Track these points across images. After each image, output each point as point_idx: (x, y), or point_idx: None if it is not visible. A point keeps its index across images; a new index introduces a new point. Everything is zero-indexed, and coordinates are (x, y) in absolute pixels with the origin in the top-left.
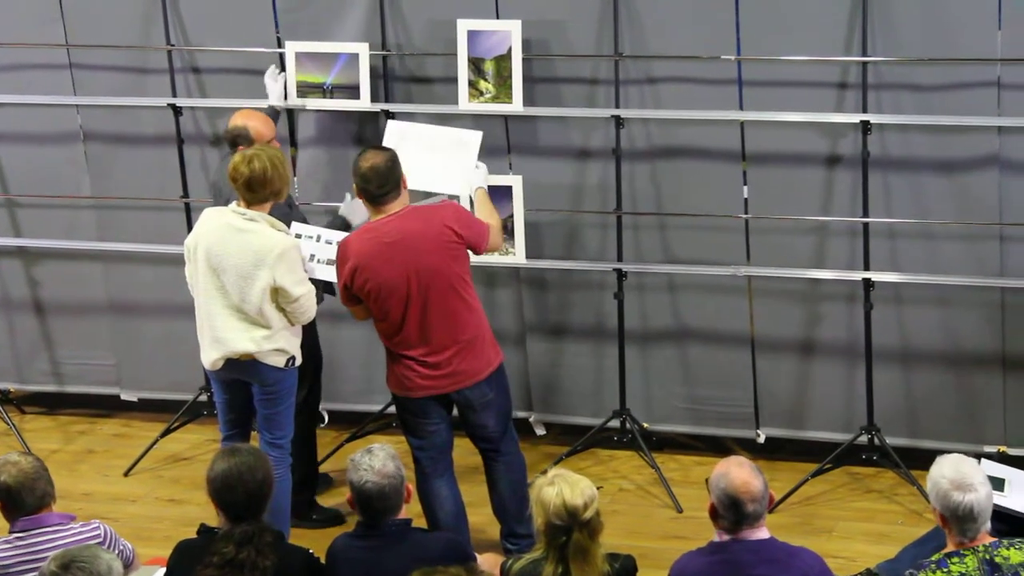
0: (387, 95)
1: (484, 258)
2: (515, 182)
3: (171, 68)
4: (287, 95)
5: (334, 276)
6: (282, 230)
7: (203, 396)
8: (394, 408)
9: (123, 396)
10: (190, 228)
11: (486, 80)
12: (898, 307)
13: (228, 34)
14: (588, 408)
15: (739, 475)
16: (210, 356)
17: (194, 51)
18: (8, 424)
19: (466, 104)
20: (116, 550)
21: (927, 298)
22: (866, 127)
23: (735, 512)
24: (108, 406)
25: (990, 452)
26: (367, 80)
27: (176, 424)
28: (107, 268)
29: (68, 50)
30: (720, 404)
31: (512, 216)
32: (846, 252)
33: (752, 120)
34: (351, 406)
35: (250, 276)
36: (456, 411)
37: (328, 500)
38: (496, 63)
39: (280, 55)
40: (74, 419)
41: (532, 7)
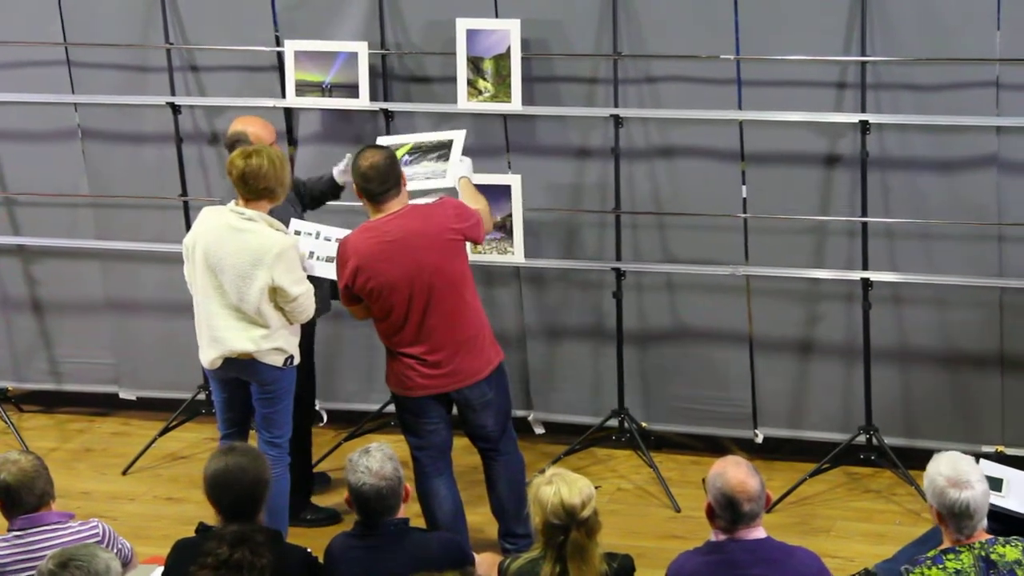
0: (386, 94)
1: (483, 257)
2: (514, 181)
3: (170, 66)
4: (286, 93)
5: (333, 273)
6: (280, 230)
7: (201, 395)
8: (393, 407)
9: (121, 395)
10: (189, 227)
11: (485, 79)
12: (896, 307)
13: (227, 32)
14: (586, 407)
15: (736, 475)
16: (208, 355)
17: (193, 49)
18: (6, 423)
19: (465, 103)
20: (115, 549)
21: (925, 298)
22: (865, 127)
23: (731, 512)
24: (106, 405)
25: (988, 452)
26: (366, 79)
27: (174, 423)
28: (105, 267)
29: (66, 48)
30: (718, 404)
31: (511, 215)
32: (844, 252)
33: (751, 120)
34: (350, 405)
35: (248, 276)
36: (455, 410)
37: (326, 499)
38: (495, 62)
39: (279, 54)
40: (72, 418)
41: (531, 6)
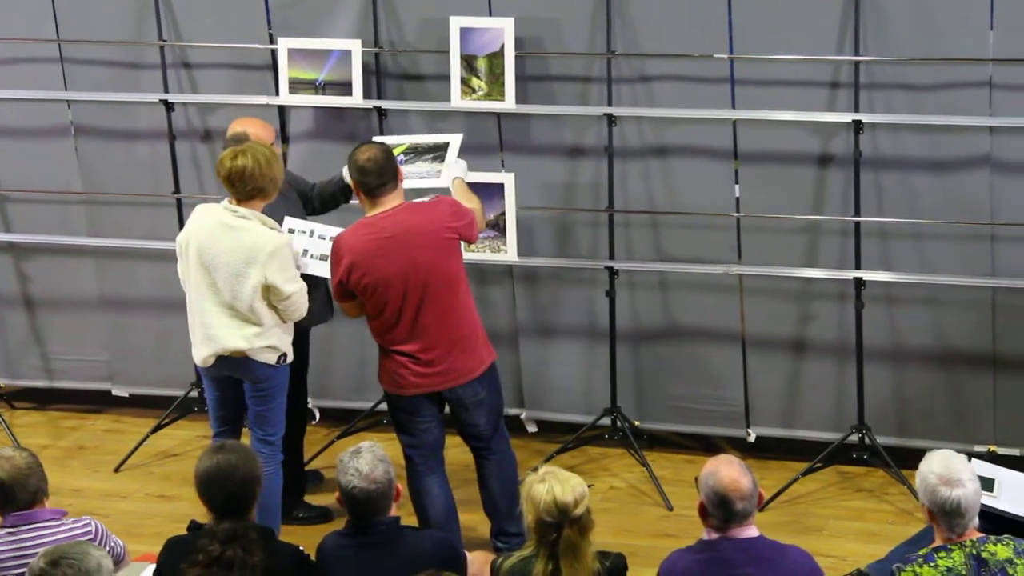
0: (379, 92)
1: (476, 255)
2: (507, 180)
3: (163, 63)
4: (279, 90)
5: (327, 272)
6: (274, 228)
7: (194, 392)
8: (385, 406)
9: (114, 392)
10: (182, 224)
11: (479, 77)
12: (889, 306)
13: (220, 30)
14: (579, 406)
15: (728, 473)
16: (201, 353)
17: (186, 47)
18: None
19: (458, 101)
20: (107, 547)
21: (918, 298)
22: (858, 126)
23: (724, 510)
24: (99, 402)
25: (980, 452)
26: (359, 77)
27: (167, 420)
28: (98, 264)
29: (59, 45)
30: (711, 403)
31: (504, 214)
32: (837, 251)
33: (744, 119)
34: (342, 403)
35: (241, 274)
36: (448, 409)
37: (319, 498)
38: (489, 60)
39: (273, 51)
40: (65, 415)
41: (525, 4)
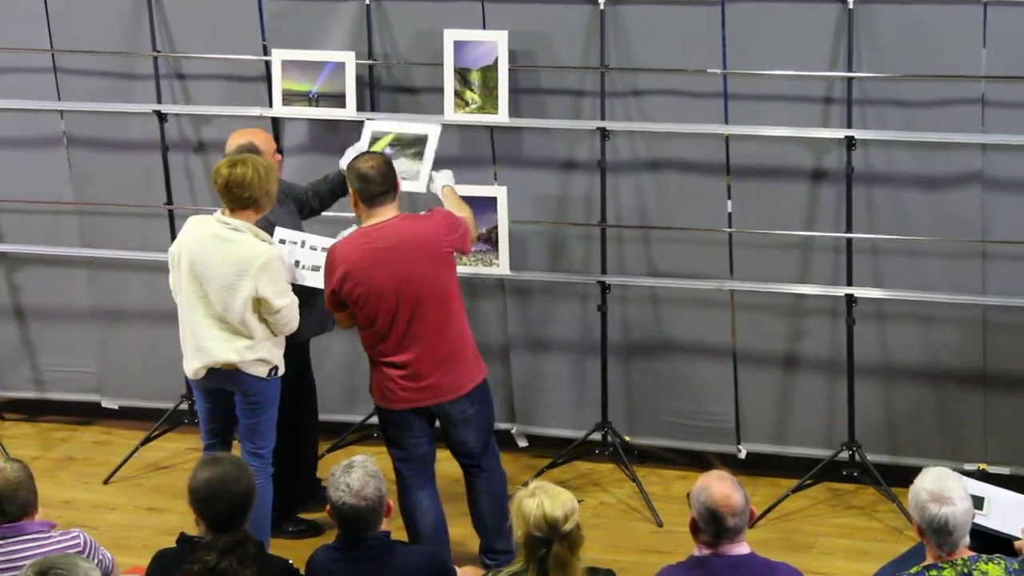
0: (373, 104)
1: (468, 269)
2: (500, 193)
3: (156, 74)
4: (272, 102)
5: (319, 282)
6: (266, 240)
7: (184, 404)
8: (376, 419)
9: (104, 404)
10: (174, 235)
11: (472, 90)
12: (880, 323)
13: (214, 41)
14: (570, 420)
15: (720, 489)
16: (192, 365)
17: (180, 57)
18: None
19: (452, 114)
20: (96, 559)
21: (909, 314)
22: (850, 143)
23: (715, 526)
24: (89, 413)
25: (970, 470)
26: (353, 89)
27: (157, 432)
28: (89, 275)
29: (53, 54)
30: (702, 418)
31: (497, 227)
32: (829, 267)
33: (737, 134)
34: (333, 416)
35: (233, 286)
36: (438, 424)
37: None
38: (482, 73)
39: (266, 63)
40: (55, 426)
41: (519, 18)
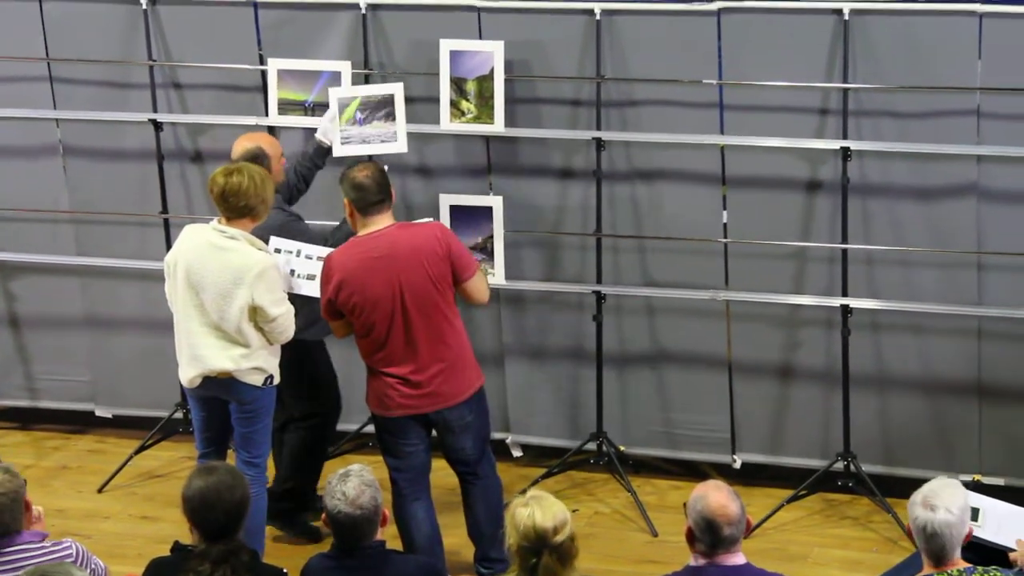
0: None
1: None
2: (495, 203)
3: (152, 83)
4: (268, 111)
5: (315, 291)
6: (263, 249)
7: (178, 413)
8: (372, 428)
9: (98, 412)
10: (169, 244)
11: (468, 100)
12: (875, 334)
13: (210, 50)
14: (565, 430)
15: (716, 498)
16: (188, 373)
17: (176, 67)
18: None
19: (447, 124)
20: (88, 569)
21: (904, 325)
22: (846, 154)
23: (711, 535)
24: (83, 422)
25: (965, 480)
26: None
27: (151, 441)
28: (84, 283)
29: (49, 64)
30: (697, 428)
31: (492, 237)
32: (824, 278)
33: (732, 145)
34: None
35: (229, 294)
36: (435, 433)
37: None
38: (478, 83)
39: (262, 72)
40: (48, 435)
41: (515, 28)
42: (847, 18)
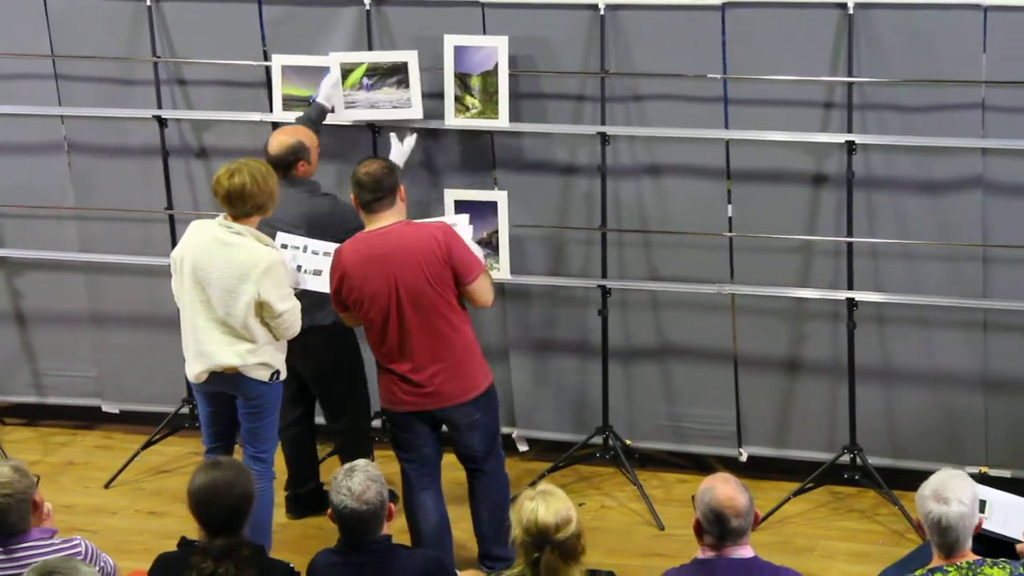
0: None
1: None
2: (500, 198)
3: (156, 80)
4: (272, 107)
5: (322, 286)
6: (269, 244)
7: (185, 408)
8: (378, 423)
9: (104, 408)
10: (174, 240)
11: (472, 96)
12: (881, 327)
13: (214, 46)
14: (571, 424)
15: (725, 491)
16: (195, 369)
17: (180, 63)
18: None
19: (452, 120)
20: (97, 566)
21: (910, 318)
22: (851, 147)
23: (719, 527)
24: (89, 418)
25: (972, 473)
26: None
27: (158, 436)
28: (90, 279)
29: (53, 60)
30: (703, 422)
31: (497, 231)
32: (830, 271)
33: (737, 139)
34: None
35: (235, 290)
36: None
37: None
38: (483, 79)
39: (266, 68)
40: (55, 431)
41: (519, 23)
42: (851, 12)
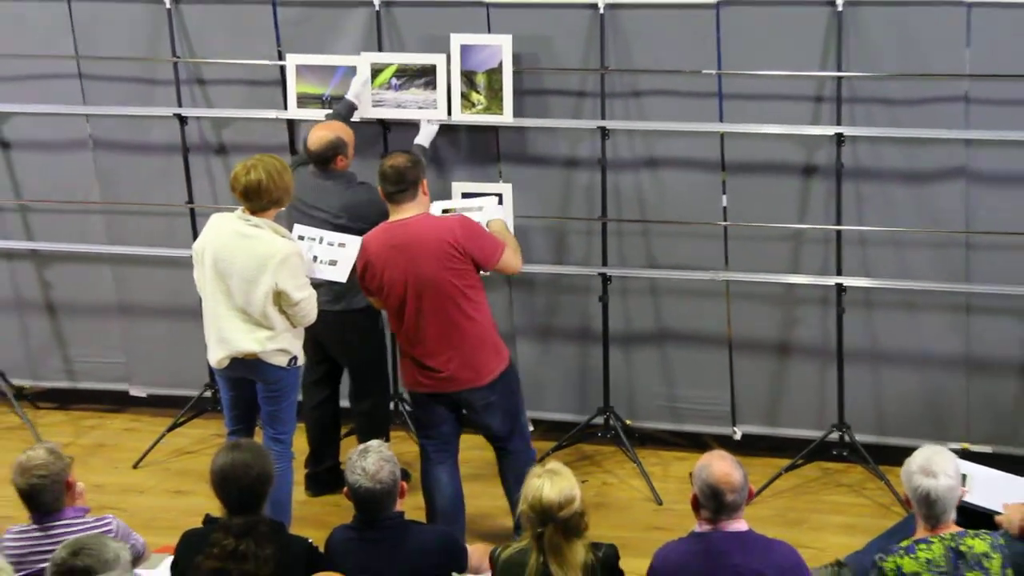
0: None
1: None
2: (505, 190)
3: (177, 79)
4: (287, 105)
5: (336, 276)
6: (286, 236)
7: (208, 392)
8: (392, 406)
9: (132, 392)
10: (195, 233)
11: (478, 92)
12: (868, 311)
13: (231, 47)
14: (574, 405)
15: (720, 467)
16: (216, 355)
17: (199, 63)
18: (23, 419)
19: (459, 115)
20: (128, 543)
21: (896, 302)
22: (840, 139)
23: (715, 501)
24: (118, 401)
25: (954, 448)
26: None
27: (182, 419)
28: (116, 270)
29: (78, 62)
30: (699, 402)
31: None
32: (820, 258)
33: (731, 132)
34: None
35: (254, 280)
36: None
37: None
38: (488, 76)
39: (281, 67)
40: (86, 414)
41: (522, 23)
42: (840, 9)
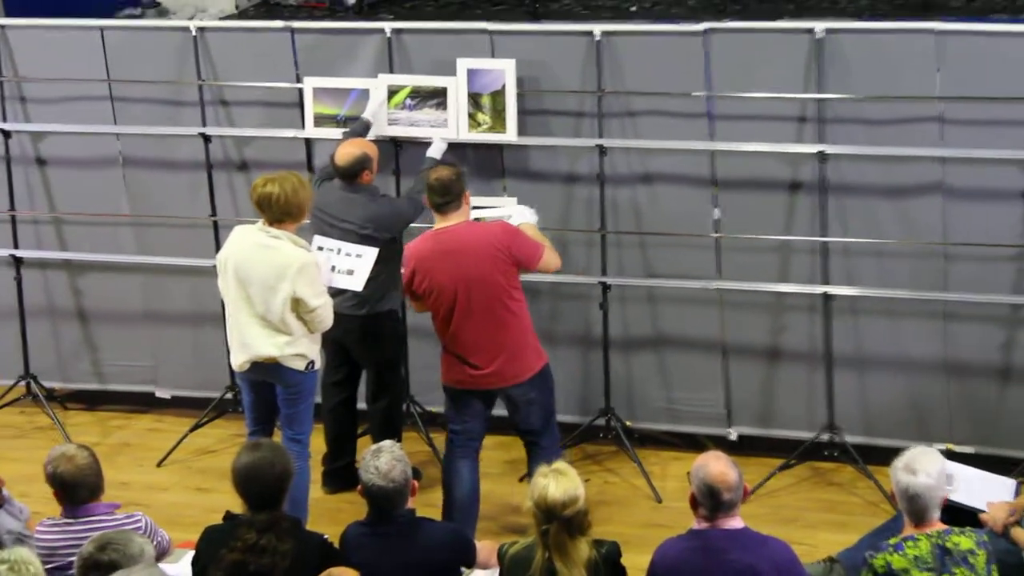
0: None
1: None
2: (509, 203)
3: (202, 101)
4: (305, 124)
5: (353, 284)
6: (304, 247)
7: (229, 395)
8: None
9: (157, 394)
10: (218, 244)
11: (483, 112)
12: (854, 318)
13: (253, 70)
14: (576, 407)
15: (716, 467)
16: (238, 359)
17: (223, 86)
18: (52, 419)
19: (466, 134)
20: (155, 540)
21: (879, 310)
22: (823, 157)
23: (712, 500)
24: (143, 403)
25: (939, 449)
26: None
27: (205, 420)
28: (144, 279)
29: (110, 85)
30: (695, 404)
31: None
32: (807, 268)
33: (721, 150)
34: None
35: (273, 288)
36: (505, 406)
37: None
38: (492, 97)
39: (299, 90)
40: (112, 415)
41: (524, 48)
42: (820, 36)
